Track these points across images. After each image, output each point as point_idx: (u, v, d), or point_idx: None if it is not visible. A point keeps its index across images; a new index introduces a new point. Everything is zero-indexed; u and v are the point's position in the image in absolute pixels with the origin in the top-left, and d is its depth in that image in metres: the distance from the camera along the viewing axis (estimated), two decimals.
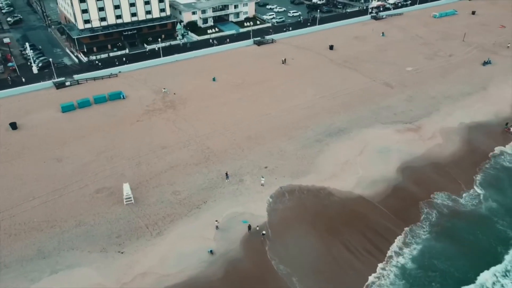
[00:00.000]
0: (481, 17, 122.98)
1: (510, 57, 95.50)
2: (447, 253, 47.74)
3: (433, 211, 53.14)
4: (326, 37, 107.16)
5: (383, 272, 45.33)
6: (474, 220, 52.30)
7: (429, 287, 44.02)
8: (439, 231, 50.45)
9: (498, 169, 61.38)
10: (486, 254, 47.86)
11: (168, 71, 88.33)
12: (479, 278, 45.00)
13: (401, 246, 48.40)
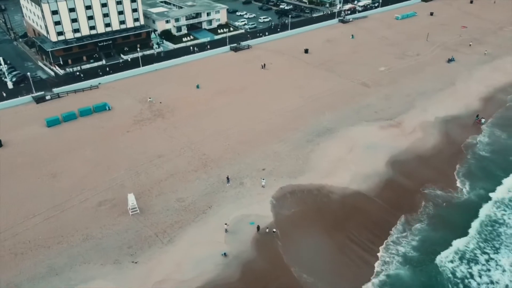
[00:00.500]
0: (438, 17, 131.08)
1: (471, 55, 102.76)
2: (441, 237, 51.47)
3: (425, 201, 56.96)
4: (299, 41, 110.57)
5: (387, 260, 48.27)
6: (462, 205, 56.50)
7: (430, 271, 47.35)
8: (432, 219, 54.18)
9: (476, 158, 66.39)
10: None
11: (149, 81, 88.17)
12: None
13: (400, 235, 51.65)
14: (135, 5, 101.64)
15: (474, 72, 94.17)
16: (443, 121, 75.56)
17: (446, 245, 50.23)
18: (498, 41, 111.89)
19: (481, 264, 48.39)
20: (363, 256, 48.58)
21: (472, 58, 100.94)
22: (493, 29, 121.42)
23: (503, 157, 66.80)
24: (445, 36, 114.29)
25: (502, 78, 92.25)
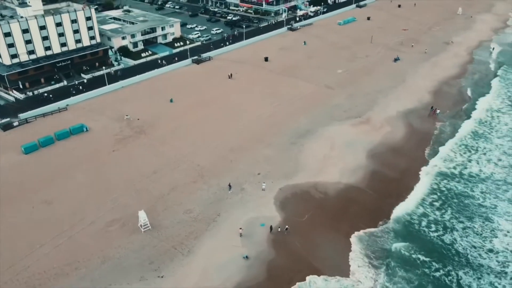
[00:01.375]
0: (375, 21, 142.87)
1: (413, 53, 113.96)
2: (428, 214, 58.03)
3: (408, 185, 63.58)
4: (255, 50, 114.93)
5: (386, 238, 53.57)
6: (440, 181, 63.81)
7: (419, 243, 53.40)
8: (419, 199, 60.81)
9: (439, 142, 74.86)
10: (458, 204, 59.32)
11: (119, 98, 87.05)
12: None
13: (396, 217, 57.35)
14: (90, 23, 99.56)
15: (418, 69, 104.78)
16: (404, 114, 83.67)
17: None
18: (431, 40, 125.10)
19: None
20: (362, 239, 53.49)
21: (414, 57, 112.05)
22: (424, 30, 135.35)
23: (457, 138, 76.31)
24: (386, 38, 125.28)
25: (442, 73, 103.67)
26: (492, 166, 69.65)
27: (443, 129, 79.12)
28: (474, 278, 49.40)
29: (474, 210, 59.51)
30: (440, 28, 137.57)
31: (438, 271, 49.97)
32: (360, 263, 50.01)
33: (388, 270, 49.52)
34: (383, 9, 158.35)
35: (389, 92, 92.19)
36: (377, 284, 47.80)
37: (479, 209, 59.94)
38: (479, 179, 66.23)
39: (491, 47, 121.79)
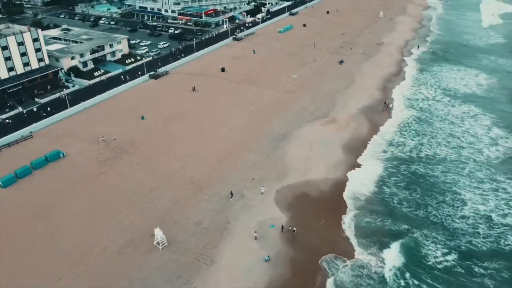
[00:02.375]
0: (311, 28, 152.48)
1: (354, 55, 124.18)
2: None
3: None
4: (208, 61, 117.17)
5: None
6: (400, 165, 71.86)
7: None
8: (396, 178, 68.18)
9: (400, 131, 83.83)
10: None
11: (85, 120, 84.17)
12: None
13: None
14: (37, 44, 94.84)
15: (362, 69, 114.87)
16: (362, 111, 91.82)
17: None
18: (365, 42, 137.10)
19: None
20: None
21: (355, 58, 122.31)
22: (356, 33, 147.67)
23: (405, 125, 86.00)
24: (326, 43, 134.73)
25: (383, 71, 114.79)
26: (444, 148, 79.61)
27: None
28: (451, 239, 57.13)
29: (440, 187, 67.87)
30: (369, 31, 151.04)
31: (419, 236, 57.14)
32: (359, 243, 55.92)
33: (382, 244, 55.71)
34: (314, 16, 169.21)
35: (344, 92, 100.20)
36: (378, 258, 53.61)
37: (444, 185, 68.54)
38: (436, 161, 75.35)
39: (416, 45, 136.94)
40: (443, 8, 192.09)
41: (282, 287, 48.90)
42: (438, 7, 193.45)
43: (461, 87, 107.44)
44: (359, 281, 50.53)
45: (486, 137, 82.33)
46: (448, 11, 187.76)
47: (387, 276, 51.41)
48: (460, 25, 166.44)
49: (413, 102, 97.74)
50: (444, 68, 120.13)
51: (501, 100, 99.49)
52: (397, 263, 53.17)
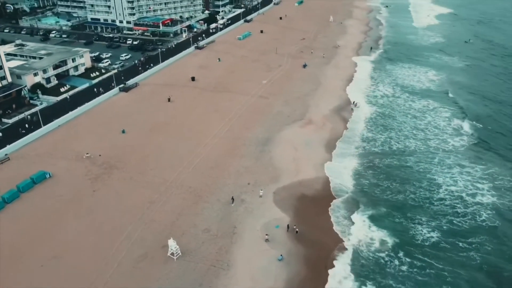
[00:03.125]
0: (268, 34, 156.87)
1: (314, 59, 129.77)
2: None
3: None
4: (176, 71, 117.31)
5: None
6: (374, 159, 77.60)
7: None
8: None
9: (370, 127, 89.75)
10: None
11: (63, 138, 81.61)
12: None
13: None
14: None
15: (326, 71, 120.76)
16: (334, 111, 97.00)
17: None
18: (322, 46, 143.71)
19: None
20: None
21: (316, 62, 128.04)
22: (312, 38, 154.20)
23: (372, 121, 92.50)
24: (286, 48, 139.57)
25: (344, 72, 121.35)
26: (412, 140, 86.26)
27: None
28: (434, 220, 63.13)
29: (415, 175, 73.82)
30: (323, 35, 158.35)
31: (405, 220, 62.70)
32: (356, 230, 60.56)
33: (375, 230, 60.57)
34: (268, 22, 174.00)
35: (314, 94, 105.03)
36: (375, 241, 58.56)
37: (418, 174, 74.58)
38: (408, 152, 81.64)
39: (370, 47, 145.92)
40: (386, 11, 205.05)
41: (300, 283, 51.49)
42: (381, 10, 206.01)
43: (415, 83, 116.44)
44: (365, 264, 54.82)
45: (449, 128, 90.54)
46: (390, 13, 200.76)
47: (384, 256, 56.30)
48: (402, 26, 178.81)
49: (376, 100, 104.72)
50: (396, 66, 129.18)
51: (453, 93, 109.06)
52: (391, 244, 58.29)
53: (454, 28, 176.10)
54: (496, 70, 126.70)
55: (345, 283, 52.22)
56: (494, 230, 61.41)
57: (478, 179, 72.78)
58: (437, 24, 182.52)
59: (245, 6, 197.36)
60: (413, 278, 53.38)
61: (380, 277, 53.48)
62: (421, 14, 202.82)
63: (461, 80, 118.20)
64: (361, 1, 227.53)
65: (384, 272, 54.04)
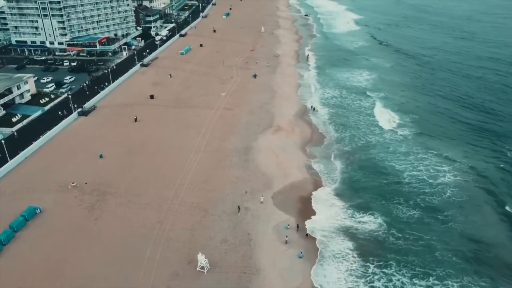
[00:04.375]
0: (208, 47, 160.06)
1: (261, 69, 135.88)
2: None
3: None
4: (131, 90, 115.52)
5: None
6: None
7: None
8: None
9: (333, 127, 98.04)
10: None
11: (37, 169, 77.02)
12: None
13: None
14: None
15: (275, 80, 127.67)
16: (297, 116, 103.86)
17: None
18: (263, 56, 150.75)
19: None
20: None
21: (264, 71, 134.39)
22: (250, 48, 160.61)
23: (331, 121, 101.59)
24: (231, 60, 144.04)
25: (292, 79, 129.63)
26: (370, 135, 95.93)
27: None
28: (410, 200, 72.17)
29: (381, 165, 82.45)
30: (260, 45, 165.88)
31: (384, 203, 71.39)
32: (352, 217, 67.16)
33: (367, 214, 67.92)
34: (203, 36, 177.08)
35: (273, 102, 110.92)
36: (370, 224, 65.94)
37: (383, 163, 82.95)
38: (370, 146, 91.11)
39: (306, 54, 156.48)
40: (310, 20, 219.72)
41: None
42: (303, 21, 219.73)
43: (355, 83, 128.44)
44: (365, 244, 62.06)
45: (394, 122, 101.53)
46: (314, 22, 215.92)
47: (381, 235, 64.07)
48: (328, 33, 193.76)
49: (328, 102, 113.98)
50: (334, 70, 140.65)
51: (388, 91, 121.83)
52: (383, 224, 66.18)
53: (371, 32, 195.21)
54: (416, 68, 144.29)
55: (356, 261, 58.63)
56: (462, 203, 71.96)
57: (435, 163, 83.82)
58: (356, 30, 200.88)
59: (175, 21, 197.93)
60: (411, 249, 61.18)
61: (383, 252, 60.49)
62: (340, 21, 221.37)
63: (392, 78, 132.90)
64: (283, 11, 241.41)
65: (384, 248, 61.21)
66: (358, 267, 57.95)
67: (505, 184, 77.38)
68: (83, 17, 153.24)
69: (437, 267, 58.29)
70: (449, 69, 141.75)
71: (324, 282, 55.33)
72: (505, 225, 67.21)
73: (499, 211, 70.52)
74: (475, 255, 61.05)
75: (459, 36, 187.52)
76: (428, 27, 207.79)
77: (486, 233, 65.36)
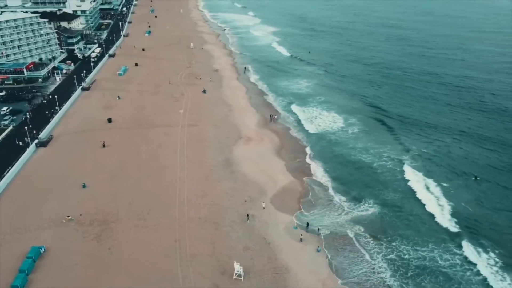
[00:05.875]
0: (144, 66, 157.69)
1: (207, 84, 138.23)
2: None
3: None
4: (83, 116, 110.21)
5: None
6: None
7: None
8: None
9: (300, 131, 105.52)
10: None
11: (16, 208, 70.98)
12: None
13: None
14: None
15: (224, 93, 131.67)
16: (260, 125, 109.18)
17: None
18: (203, 71, 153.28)
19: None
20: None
21: (210, 86, 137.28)
22: (187, 65, 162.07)
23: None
24: (173, 77, 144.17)
25: (240, 91, 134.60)
26: (332, 136, 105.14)
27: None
28: (386, 188, 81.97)
29: (350, 159, 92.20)
30: (196, 60, 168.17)
31: (370, 190, 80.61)
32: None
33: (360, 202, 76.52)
34: (134, 55, 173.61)
35: (232, 115, 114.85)
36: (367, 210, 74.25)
37: (355, 157, 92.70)
38: (335, 143, 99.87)
39: (244, 67, 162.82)
40: (231, 34, 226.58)
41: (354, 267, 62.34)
42: (226, 35, 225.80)
43: (299, 90, 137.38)
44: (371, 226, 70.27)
45: (344, 122, 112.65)
46: (236, 35, 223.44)
47: (378, 213, 73.61)
48: (254, 45, 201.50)
49: (285, 109, 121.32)
50: (276, 80, 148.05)
51: (329, 95, 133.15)
52: (378, 208, 75.31)
53: (292, 42, 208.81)
54: (348, 72, 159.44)
55: (369, 243, 66.13)
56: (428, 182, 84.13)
57: (395, 154, 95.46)
58: (279, 41, 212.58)
59: (98, 41, 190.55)
60: (407, 225, 70.71)
61: (387, 230, 69.17)
62: (259, 33, 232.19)
63: (330, 83, 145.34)
64: (202, 26, 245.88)
65: (388, 229, 69.82)
66: (370, 248, 65.29)
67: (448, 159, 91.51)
68: (3, 42, 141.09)
69: (432, 236, 68.19)
70: (366, 75, 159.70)
71: (347, 268, 61.45)
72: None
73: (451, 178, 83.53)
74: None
75: (356, 46, 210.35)
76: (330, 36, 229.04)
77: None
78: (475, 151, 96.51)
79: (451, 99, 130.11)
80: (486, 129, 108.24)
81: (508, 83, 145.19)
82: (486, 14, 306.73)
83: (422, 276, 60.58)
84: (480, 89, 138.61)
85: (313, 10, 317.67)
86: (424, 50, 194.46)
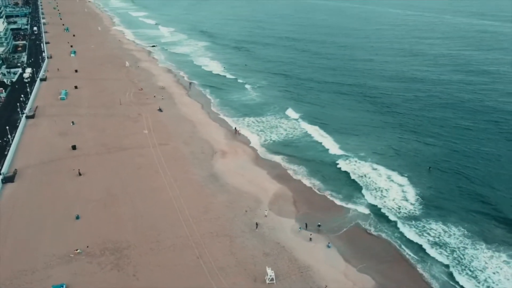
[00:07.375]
0: (85, 88, 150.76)
1: (159, 103, 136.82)
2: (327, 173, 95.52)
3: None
4: (40, 147, 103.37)
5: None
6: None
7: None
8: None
9: (270, 141, 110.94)
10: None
11: (10, 252, 65.84)
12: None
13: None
14: None
15: (181, 110, 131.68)
16: (228, 138, 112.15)
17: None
18: (151, 90, 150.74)
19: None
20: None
21: (163, 104, 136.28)
22: (132, 84, 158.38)
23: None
24: (123, 98, 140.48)
25: (195, 108, 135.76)
26: (299, 140, 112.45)
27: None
28: (368, 190, 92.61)
29: (321, 159, 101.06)
30: (137, 79, 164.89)
31: (353, 185, 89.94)
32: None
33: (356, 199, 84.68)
34: (68, 77, 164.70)
35: (199, 131, 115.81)
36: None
37: (322, 156, 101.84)
38: (301, 146, 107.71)
39: (189, 82, 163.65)
40: (159, 52, 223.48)
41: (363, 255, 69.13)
42: (155, 52, 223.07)
43: (252, 101, 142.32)
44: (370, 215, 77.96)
45: (301, 127, 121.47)
46: (164, 52, 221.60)
47: (373, 209, 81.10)
48: (186, 60, 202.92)
49: (246, 121, 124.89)
50: (226, 93, 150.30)
51: (285, 102, 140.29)
52: (368, 201, 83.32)
53: (227, 56, 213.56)
54: (286, 79, 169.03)
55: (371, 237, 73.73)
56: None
57: (359, 152, 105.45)
58: (212, 55, 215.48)
59: (21, 65, 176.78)
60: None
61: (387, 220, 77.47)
62: (188, 48, 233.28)
63: (275, 93, 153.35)
64: (127, 44, 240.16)
65: (378, 217, 78.31)
66: (375, 241, 72.96)
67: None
68: None
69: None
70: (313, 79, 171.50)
71: (359, 259, 68.18)
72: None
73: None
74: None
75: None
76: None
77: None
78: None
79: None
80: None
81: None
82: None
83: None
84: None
85: (217, 24, 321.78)
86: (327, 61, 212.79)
